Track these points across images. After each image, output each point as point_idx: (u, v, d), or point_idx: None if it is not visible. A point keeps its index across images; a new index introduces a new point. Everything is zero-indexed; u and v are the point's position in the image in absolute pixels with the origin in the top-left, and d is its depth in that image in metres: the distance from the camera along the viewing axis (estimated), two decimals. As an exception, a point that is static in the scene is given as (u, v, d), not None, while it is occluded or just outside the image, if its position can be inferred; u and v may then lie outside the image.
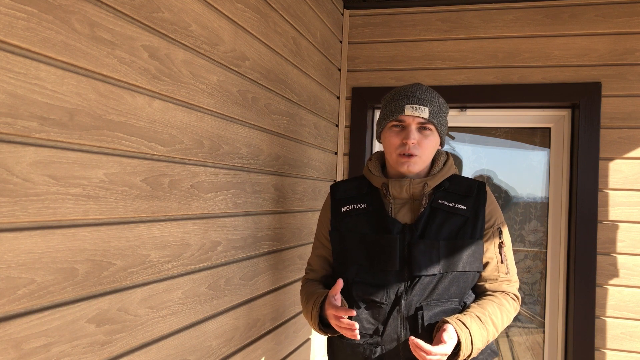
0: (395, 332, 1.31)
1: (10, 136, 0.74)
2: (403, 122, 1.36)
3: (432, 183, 1.38)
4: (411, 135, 1.34)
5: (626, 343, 2.16)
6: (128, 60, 0.97)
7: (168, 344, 1.13)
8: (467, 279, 1.34)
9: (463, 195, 1.39)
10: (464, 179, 1.44)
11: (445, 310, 1.31)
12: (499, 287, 1.38)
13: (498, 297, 1.36)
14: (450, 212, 1.36)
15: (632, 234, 2.17)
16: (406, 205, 1.39)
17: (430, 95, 1.37)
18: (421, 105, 1.34)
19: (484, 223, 1.37)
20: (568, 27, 2.28)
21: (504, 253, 1.38)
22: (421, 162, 1.37)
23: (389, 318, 1.32)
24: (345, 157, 2.51)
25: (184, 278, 1.19)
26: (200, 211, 1.26)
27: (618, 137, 2.20)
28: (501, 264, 1.38)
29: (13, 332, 0.75)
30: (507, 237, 1.41)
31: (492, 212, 1.40)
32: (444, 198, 1.38)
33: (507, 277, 1.38)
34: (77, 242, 0.86)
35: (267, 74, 1.61)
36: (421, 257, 1.31)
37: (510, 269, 1.39)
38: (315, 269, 1.55)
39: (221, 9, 1.32)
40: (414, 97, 1.35)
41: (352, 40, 2.54)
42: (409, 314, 1.31)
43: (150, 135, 1.05)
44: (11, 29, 0.73)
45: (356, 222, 1.41)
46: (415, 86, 1.38)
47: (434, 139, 1.37)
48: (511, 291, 1.39)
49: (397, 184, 1.38)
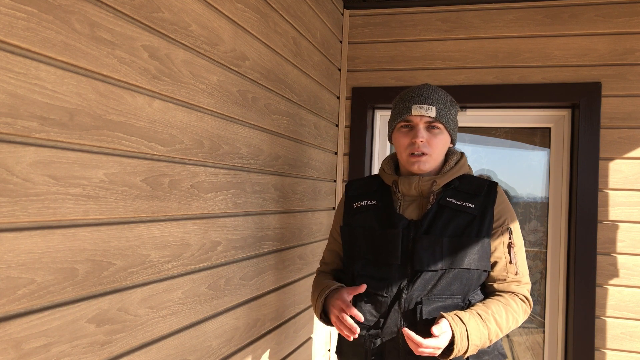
0: (395, 325, 1.33)
1: (10, 136, 0.74)
2: (411, 122, 1.39)
3: (440, 181, 1.40)
4: (419, 135, 1.36)
5: (626, 343, 2.16)
6: (128, 60, 0.97)
7: (168, 344, 1.13)
8: (471, 276, 1.35)
9: (472, 194, 1.40)
10: (475, 179, 1.45)
11: (445, 305, 1.32)
12: (508, 287, 1.37)
13: (505, 297, 1.36)
14: (457, 210, 1.37)
15: (632, 234, 2.17)
16: (414, 202, 1.42)
17: (438, 94, 1.39)
18: (428, 105, 1.36)
19: (492, 222, 1.38)
20: (568, 27, 2.28)
21: (513, 253, 1.38)
22: (432, 161, 1.39)
23: (389, 311, 1.34)
24: (345, 157, 2.51)
25: (184, 278, 1.19)
26: (200, 211, 1.26)
27: (618, 137, 2.20)
28: (510, 264, 1.37)
29: (13, 332, 0.75)
30: (517, 238, 1.40)
31: (502, 211, 1.40)
32: (453, 196, 1.39)
33: (517, 278, 1.37)
34: (77, 242, 0.86)
35: (267, 74, 1.61)
36: (424, 253, 1.33)
37: (520, 270, 1.38)
38: (327, 262, 1.62)
39: (221, 9, 1.32)
40: (421, 96, 1.38)
41: (352, 40, 2.54)
42: (409, 308, 1.32)
43: (150, 135, 1.05)
44: (11, 29, 0.73)
45: (366, 218, 1.45)
46: (422, 86, 1.41)
47: (443, 137, 1.40)
48: (520, 292, 1.38)
49: (406, 181, 1.40)
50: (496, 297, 1.37)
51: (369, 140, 2.54)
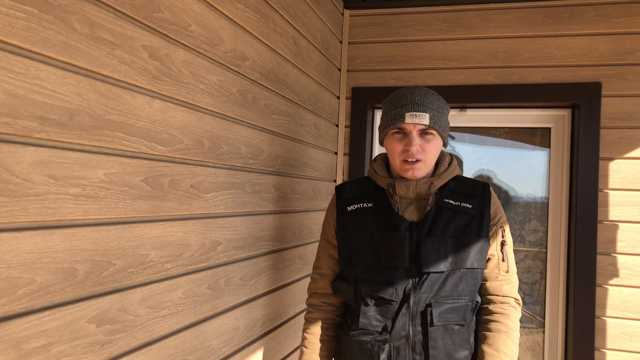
0: (404, 329, 1.32)
1: (10, 136, 0.74)
2: (404, 129, 1.37)
3: (437, 183, 1.40)
4: (413, 142, 1.35)
5: (626, 343, 2.16)
6: (128, 60, 0.97)
7: (168, 344, 1.13)
8: (475, 276, 1.36)
9: (468, 194, 1.41)
10: (468, 180, 1.46)
11: (454, 307, 1.33)
12: (499, 287, 1.40)
13: (503, 322, 1.37)
14: (456, 210, 1.38)
15: (632, 234, 2.17)
16: (412, 205, 1.41)
17: (430, 99, 1.36)
18: (421, 112, 1.34)
19: (489, 221, 1.40)
20: (568, 27, 2.28)
21: (505, 251, 1.41)
22: (425, 167, 1.39)
23: (397, 315, 1.33)
24: (345, 157, 2.51)
25: (184, 278, 1.19)
26: (200, 211, 1.25)
27: (618, 137, 2.20)
28: (502, 261, 1.40)
29: (13, 332, 0.75)
30: (508, 236, 1.44)
31: (497, 211, 1.44)
32: (450, 197, 1.40)
33: (507, 277, 1.41)
34: (77, 242, 0.86)
35: (267, 74, 1.61)
36: (429, 254, 1.33)
37: (511, 268, 1.42)
38: (324, 273, 1.52)
39: (221, 9, 1.32)
40: (414, 103, 1.35)
41: (352, 40, 2.53)
42: (419, 311, 1.32)
43: (150, 135, 1.05)
44: (11, 29, 0.73)
45: (362, 221, 1.42)
46: (414, 91, 1.37)
47: (436, 142, 1.39)
48: (511, 295, 1.40)
49: (403, 183, 1.40)
50: (494, 324, 1.38)
51: (369, 140, 2.54)
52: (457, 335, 1.34)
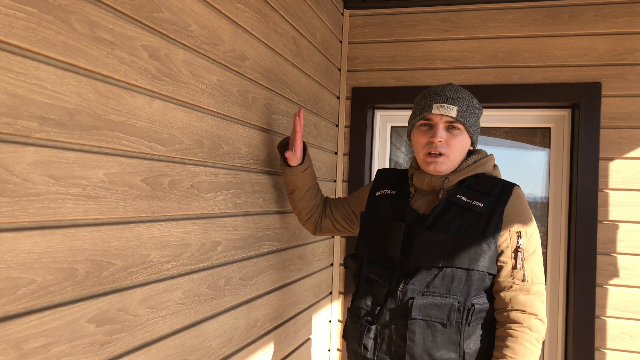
0: (388, 316, 1.35)
1: (10, 136, 0.74)
2: (431, 120, 1.37)
3: (453, 178, 1.39)
4: (438, 134, 1.34)
5: (626, 343, 2.16)
6: (128, 60, 0.97)
7: (168, 344, 1.13)
8: (472, 277, 1.30)
9: (484, 193, 1.36)
10: (491, 178, 1.40)
11: (437, 304, 1.29)
12: (514, 298, 1.30)
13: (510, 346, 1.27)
14: (465, 207, 1.35)
15: (632, 234, 2.17)
16: (426, 197, 1.43)
17: (461, 94, 1.37)
18: (449, 104, 1.34)
19: (499, 223, 1.32)
20: (568, 27, 2.28)
21: (520, 258, 1.31)
22: (449, 162, 1.37)
23: (385, 301, 1.36)
24: (345, 157, 2.51)
25: (184, 278, 1.19)
26: (200, 211, 1.26)
27: (618, 137, 2.20)
28: (515, 269, 1.31)
29: (13, 332, 0.75)
30: (529, 243, 1.33)
31: (513, 214, 1.34)
32: (464, 194, 1.37)
33: (524, 286, 1.30)
34: (77, 242, 0.86)
35: (267, 74, 1.61)
36: (422, 248, 1.32)
37: (528, 276, 1.30)
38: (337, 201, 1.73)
39: (221, 9, 1.32)
40: (443, 95, 1.36)
41: (352, 40, 2.54)
42: (402, 301, 1.33)
43: (150, 135, 1.05)
44: (11, 29, 0.73)
45: (384, 206, 1.48)
46: (446, 86, 1.39)
47: (463, 138, 1.37)
48: (528, 308, 1.28)
49: (420, 175, 1.42)
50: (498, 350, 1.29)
51: (369, 140, 2.54)
52: (440, 335, 1.29)
